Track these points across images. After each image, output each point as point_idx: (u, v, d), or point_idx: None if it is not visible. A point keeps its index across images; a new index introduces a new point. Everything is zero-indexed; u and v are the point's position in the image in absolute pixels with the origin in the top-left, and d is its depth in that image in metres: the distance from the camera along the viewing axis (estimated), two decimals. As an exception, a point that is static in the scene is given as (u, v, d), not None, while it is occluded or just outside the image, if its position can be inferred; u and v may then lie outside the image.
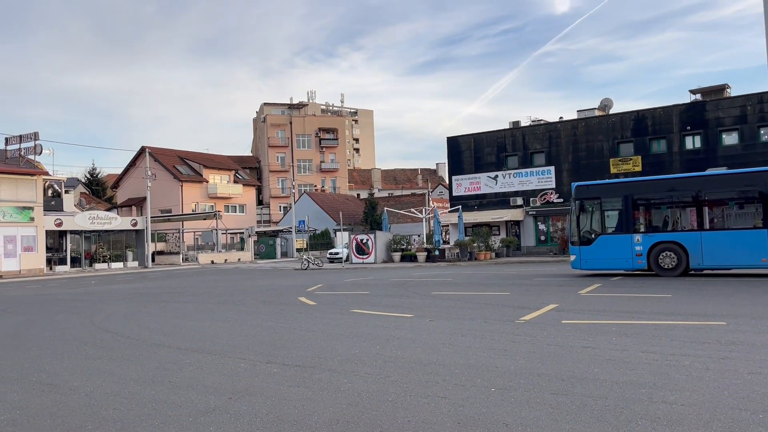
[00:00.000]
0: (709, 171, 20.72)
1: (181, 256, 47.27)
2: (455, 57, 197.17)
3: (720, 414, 4.31)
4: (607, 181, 25.17)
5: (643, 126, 37.12)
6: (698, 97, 40.64)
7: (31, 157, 37.38)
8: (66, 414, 4.98)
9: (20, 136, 37.09)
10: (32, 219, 35.91)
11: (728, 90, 40.58)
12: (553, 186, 39.19)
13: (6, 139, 37.64)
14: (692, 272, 18.00)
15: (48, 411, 5.10)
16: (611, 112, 43.28)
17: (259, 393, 5.41)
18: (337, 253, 40.04)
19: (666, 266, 17.53)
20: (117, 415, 4.86)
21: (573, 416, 4.39)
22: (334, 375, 6.03)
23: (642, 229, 18.25)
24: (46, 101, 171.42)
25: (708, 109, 35.40)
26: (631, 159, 37.21)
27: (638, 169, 36.55)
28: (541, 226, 39.93)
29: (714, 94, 39.99)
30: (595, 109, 44.25)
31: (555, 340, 7.51)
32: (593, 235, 18.80)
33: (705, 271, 18.30)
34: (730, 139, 34.75)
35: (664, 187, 18.77)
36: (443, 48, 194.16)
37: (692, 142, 35.89)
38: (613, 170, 37.34)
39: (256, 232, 55.95)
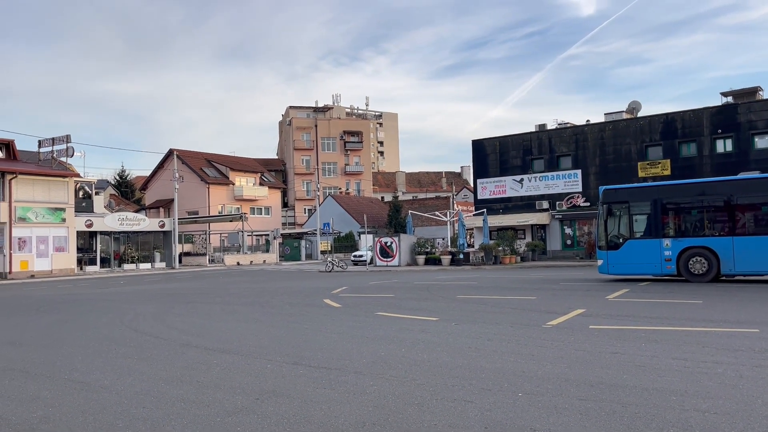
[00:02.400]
0: (742, 175, 20.28)
1: (207, 257, 47.78)
2: (479, 60, 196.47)
3: (754, 423, 4.22)
4: (635, 184, 24.84)
5: (672, 129, 36.54)
6: (730, 99, 39.91)
7: (63, 159, 38.18)
8: (97, 412, 5.06)
9: (53, 139, 37.91)
10: (64, 220, 36.65)
11: (761, 92, 39.77)
12: (580, 189, 38.77)
13: (39, 141, 38.50)
14: (723, 278, 17.64)
15: (80, 408, 5.19)
16: (639, 115, 42.67)
17: (285, 394, 5.43)
18: (361, 256, 40.08)
19: (696, 272, 17.22)
20: (147, 414, 4.93)
21: (602, 423, 4.33)
22: (360, 377, 6.03)
23: (671, 234, 17.95)
24: (77, 106, 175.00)
25: (740, 112, 34.70)
26: (659, 163, 36.64)
27: (667, 172, 35.97)
28: (568, 230, 39.51)
29: (746, 96, 39.23)
30: (622, 111, 43.68)
31: (583, 346, 7.42)
32: (621, 240, 18.55)
33: (737, 277, 17.93)
34: (762, 142, 34.01)
35: (695, 191, 18.45)
36: (467, 51, 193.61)
37: (723, 146, 35.21)
38: (641, 174, 36.81)
39: (281, 234, 56.30)
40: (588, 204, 37.41)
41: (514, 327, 9.21)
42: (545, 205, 39.65)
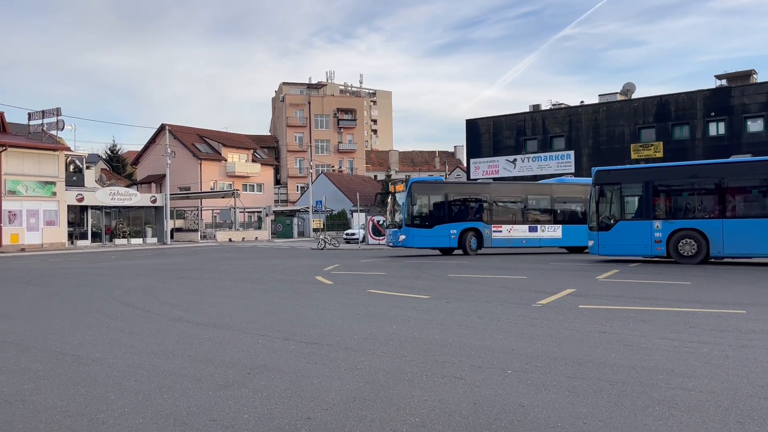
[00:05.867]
0: (733, 158, 20.38)
1: (199, 233, 47.70)
2: (473, 40, 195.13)
3: (739, 402, 4.29)
4: (627, 166, 24.89)
5: (665, 111, 36.55)
6: (724, 82, 39.90)
7: (54, 132, 37.78)
8: (89, 384, 5.08)
9: (43, 112, 37.46)
10: (54, 194, 36.39)
11: (755, 76, 39.79)
12: (573, 170, 38.82)
13: (29, 114, 38.05)
14: (712, 260, 17.79)
15: (71, 380, 5.21)
16: (633, 96, 42.61)
17: (276, 369, 5.47)
18: (353, 234, 40.08)
19: (685, 254, 17.35)
20: (138, 387, 4.95)
21: (589, 400, 4.39)
22: (351, 353, 6.07)
23: (662, 216, 18.05)
24: (67, 79, 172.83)
25: (733, 95, 34.74)
26: (652, 145, 36.71)
27: (659, 155, 36.07)
28: (559, 211, 39.58)
29: (740, 79, 39.25)
30: (617, 93, 43.63)
31: (572, 325, 7.49)
32: (612, 221, 18.64)
33: (725, 260, 18.09)
34: (755, 125, 34.13)
35: (686, 174, 18.52)
36: (461, 30, 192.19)
37: (716, 129, 35.30)
38: (633, 156, 36.91)
39: (274, 212, 56.21)
40: (580, 185, 37.47)
41: (504, 306, 9.28)
42: (538, 185, 39.70)
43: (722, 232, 16.92)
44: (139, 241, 42.38)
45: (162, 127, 53.34)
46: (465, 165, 48.60)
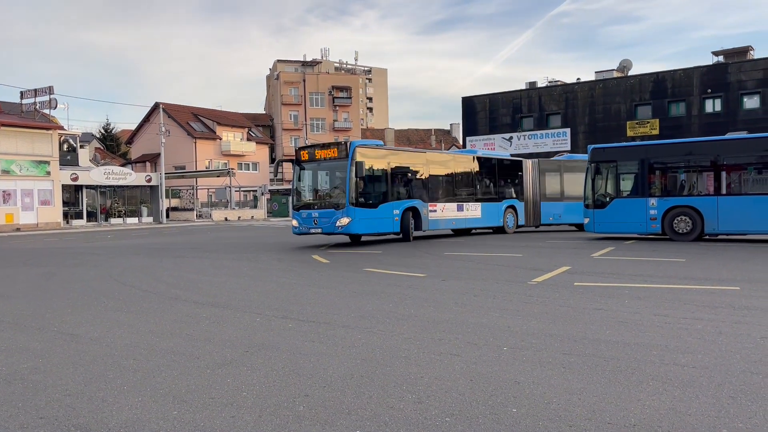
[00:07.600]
0: (729, 135, 20.36)
1: (195, 212, 47.64)
2: (469, 16, 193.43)
3: (731, 377, 4.34)
4: (623, 143, 24.88)
5: (662, 88, 36.43)
6: (721, 59, 39.74)
7: (47, 111, 37.47)
8: (88, 363, 5.11)
9: (35, 90, 37.12)
10: (48, 173, 36.21)
11: (751, 52, 39.64)
12: (569, 148, 38.76)
13: (21, 92, 37.68)
14: (707, 237, 17.88)
15: (70, 360, 5.24)
16: (630, 73, 42.42)
17: (274, 347, 5.50)
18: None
19: (680, 231, 17.42)
20: (137, 365, 4.98)
21: (584, 376, 4.44)
22: (348, 331, 6.11)
23: (657, 193, 18.09)
24: (59, 57, 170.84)
25: (730, 72, 34.62)
26: (648, 122, 36.65)
27: (655, 132, 36.02)
28: (555, 189, 39.59)
29: (737, 55, 39.10)
30: (613, 70, 43.43)
31: (567, 302, 7.54)
32: (608, 199, 18.67)
33: (720, 237, 18.17)
34: (751, 102, 34.07)
35: (682, 151, 18.52)
36: (457, 6, 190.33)
37: (712, 106, 35.23)
38: (629, 133, 36.85)
39: (269, 190, 56.10)
40: (576, 163, 37.44)
41: (500, 283, 9.33)
42: (534, 163, 39.64)
43: (717, 209, 16.96)
44: (135, 220, 42.31)
45: (156, 106, 52.93)
46: (461, 143, 48.48)
